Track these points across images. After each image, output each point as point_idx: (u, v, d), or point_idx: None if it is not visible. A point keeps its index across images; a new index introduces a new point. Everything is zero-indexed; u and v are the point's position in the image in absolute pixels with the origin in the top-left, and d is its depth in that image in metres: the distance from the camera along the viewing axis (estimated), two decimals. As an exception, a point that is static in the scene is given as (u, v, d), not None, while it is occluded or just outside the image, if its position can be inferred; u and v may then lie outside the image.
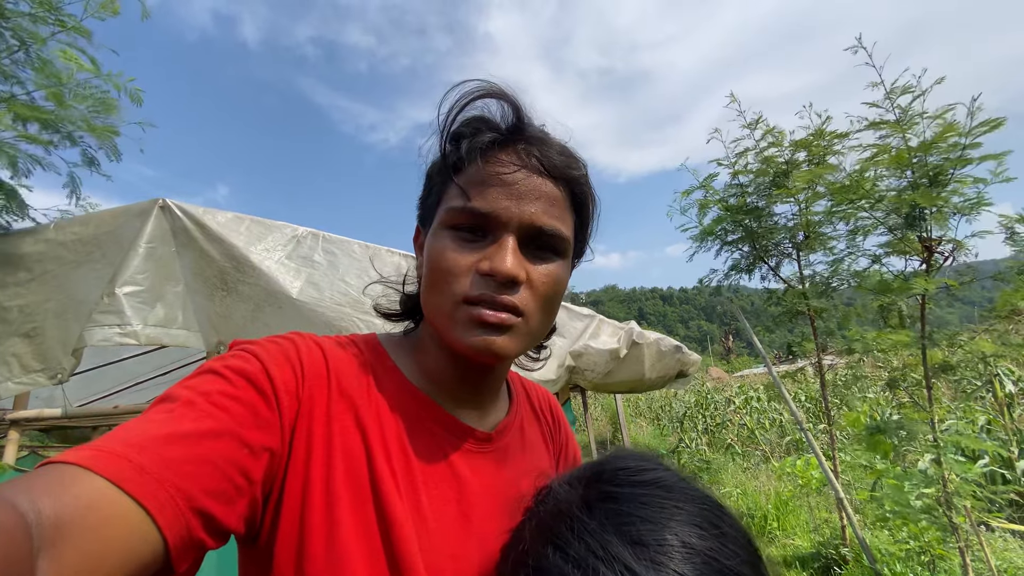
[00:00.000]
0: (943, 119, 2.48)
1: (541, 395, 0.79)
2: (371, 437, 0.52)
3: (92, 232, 1.83)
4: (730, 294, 4.29)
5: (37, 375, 1.73)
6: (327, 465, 0.49)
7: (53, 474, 0.34)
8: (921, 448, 2.78)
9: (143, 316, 1.83)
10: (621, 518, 0.39)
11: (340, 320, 2.04)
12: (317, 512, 0.47)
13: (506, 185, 0.52)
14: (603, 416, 12.66)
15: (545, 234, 0.53)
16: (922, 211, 2.53)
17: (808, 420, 7.83)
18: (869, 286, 2.86)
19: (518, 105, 0.54)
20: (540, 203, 0.53)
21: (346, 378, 0.55)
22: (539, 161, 0.53)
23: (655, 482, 0.43)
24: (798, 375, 5.04)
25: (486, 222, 0.52)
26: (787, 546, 4.26)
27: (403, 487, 0.52)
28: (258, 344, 0.52)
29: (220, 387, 0.45)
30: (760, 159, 3.63)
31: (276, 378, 0.49)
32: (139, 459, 0.36)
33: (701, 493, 0.43)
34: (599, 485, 0.44)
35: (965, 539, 2.58)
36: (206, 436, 0.41)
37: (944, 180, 2.48)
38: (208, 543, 0.40)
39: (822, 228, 3.46)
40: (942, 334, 2.67)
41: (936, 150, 2.47)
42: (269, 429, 0.46)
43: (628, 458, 0.47)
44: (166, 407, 0.42)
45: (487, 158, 0.52)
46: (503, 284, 0.51)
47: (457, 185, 0.53)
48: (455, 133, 0.54)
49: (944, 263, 2.63)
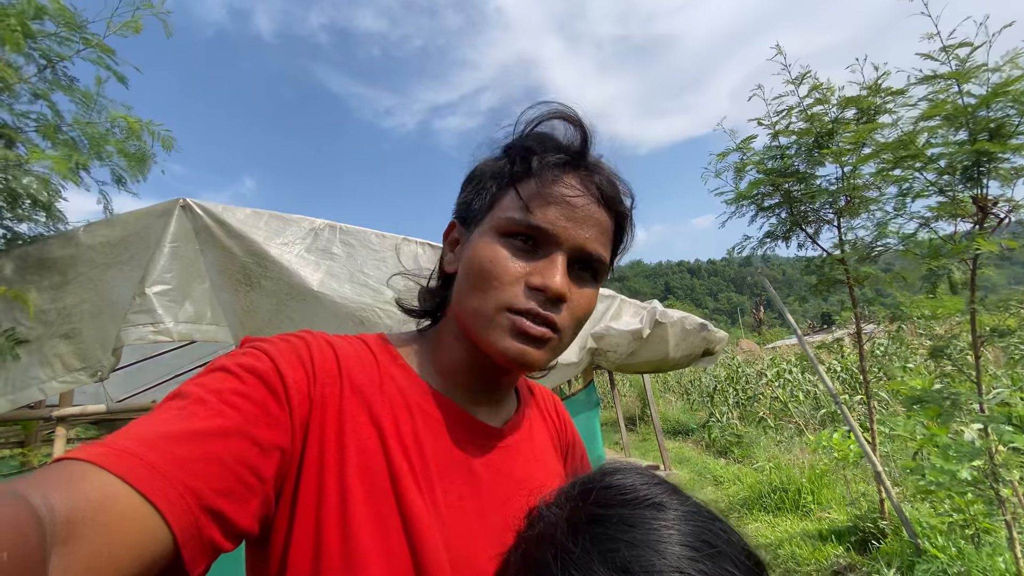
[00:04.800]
0: (1012, 66, 2.25)
1: (547, 395, 0.80)
2: (386, 433, 0.52)
3: (119, 234, 1.89)
4: (761, 263, 4.15)
5: (79, 373, 1.82)
6: (340, 461, 0.49)
7: (65, 470, 0.34)
8: (967, 419, 2.66)
9: (174, 314, 1.89)
10: (607, 543, 0.37)
11: (361, 311, 2.06)
12: (332, 508, 0.47)
13: (567, 207, 0.54)
14: (631, 392, 12.64)
15: (592, 259, 0.57)
16: (982, 168, 2.34)
17: (845, 392, 7.61)
18: (919, 250, 2.69)
19: (588, 132, 0.57)
20: (594, 230, 0.56)
21: (358, 375, 0.55)
22: (598, 190, 0.56)
23: (645, 501, 0.40)
24: (834, 346, 4.85)
25: (541, 237, 0.55)
26: (823, 520, 4.19)
27: (421, 481, 0.51)
28: (269, 342, 0.52)
29: (231, 385, 0.45)
30: (804, 117, 3.36)
31: (288, 376, 0.49)
32: (150, 456, 0.36)
33: (695, 510, 0.40)
34: (586, 506, 0.41)
35: (1012, 512, 2.48)
36: (217, 435, 0.41)
37: (1008, 133, 2.28)
38: (221, 544, 0.40)
39: (867, 192, 3.24)
40: (993, 298, 2.52)
41: (999, 101, 2.25)
42: (280, 427, 0.46)
43: (617, 475, 0.44)
44: (177, 404, 0.42)
45: (553, 177, 0.55)
46: (550, 300, 0.53)
47: (520, 196, 0.55)
48: (524, 146, 0.57)
49: (1000, 224, 2.46)
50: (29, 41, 2.10)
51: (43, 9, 2.11)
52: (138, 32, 2.44)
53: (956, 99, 2.34)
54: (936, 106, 2.38)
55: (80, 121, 2.24)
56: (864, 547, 3.49)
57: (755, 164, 3.58)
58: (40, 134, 2.06)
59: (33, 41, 2.14)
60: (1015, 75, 2.18)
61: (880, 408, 6.36)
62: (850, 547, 3.59)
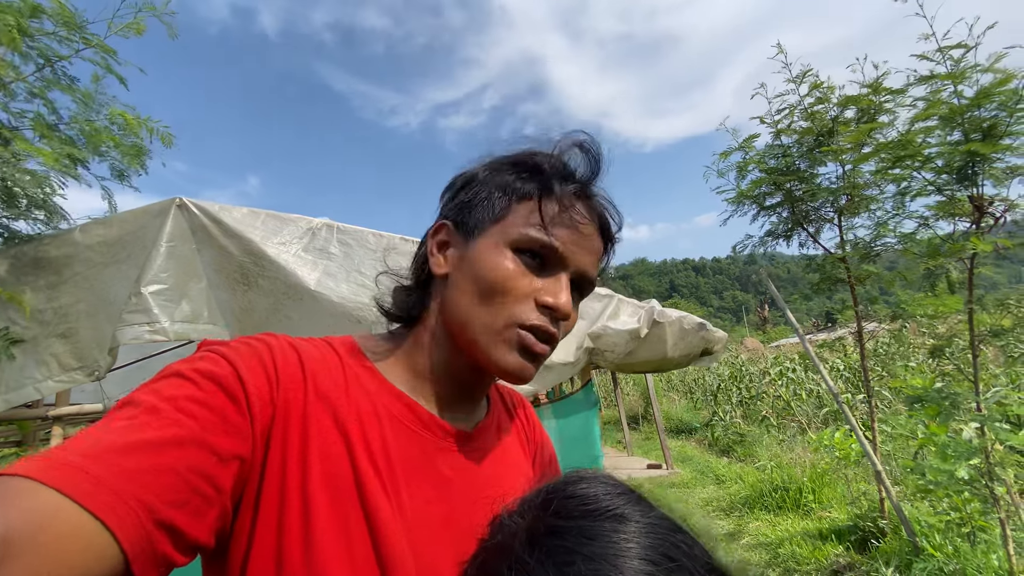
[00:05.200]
0: (997, 69, 2.27)
1: (515, 398, 0.79)
2: (352, 437, 0.51)
3: (116, 233, 1.90)
4: (764, 261, 4.13)
5: (75, 373, 1.83)
6: (303, 469, 0.47)
7: (1, 487, 0.32)
8: (965, 417, 2.65)
9: (170, 313, 1.90)
10: (563, 556, 0.36)
11: (359, 310, 2.06)
12: (293, 517, 0.45)
13: (576, 232, 0.57)
14: (635, 391, 12.62)
15: (586, 282, 0.60)
16: (975, 168, 2.34)
17: (847, 391, 7.57)
18: (917, 249, 2.69)
19: (601, 165, 0.61)
20: (593, 257, 0.60)
21: (323, 379, 0.53)
22: (601, 221, 0.61)
23: (606, 512, 0.39)
24: (837, 344, 4.82)
25: (553, 257, 0.57)
26: (823, 519, 4.18)
27: (388, 486, 0.50)
28: (228, 346, 0.50)
29: (187, 392, 0.43)
30: (805, 116, 3.36)
31: (248, 382, 0.46)
32: (95, 470, 0.34)
33: (658, 522, 0.39)
34: (546, 517, 0.40)
35: (1006, 510, 2.48)
36: (170, 444, 0.39)
37: (999, 133, 2.28)
38: (175, 559, 0.38)
39: (868, 190, 3.22)
40: (991, 297, 2.51)
41: (990, 101, 2.26)
42: (240, 436, 0.44)
43: (582, 484, 0.43)
44: (127, 413, 0.40)
45: (569, 202, 0.58)
46: (557, 319, 0.57)
47: (541, 215, 0.57)
48: (549, 168, 0.59)
49: (996, 223, 2.45)
50: (27, 40, 2.11)
51: (40, 8, 2.11)
52: (140, 34, 2.45)
53: (952, 99, 2.34)
54: (932, 106, 2.38)
55: (78, 118, 2.24)
56: (864, 546, 3.48)
57: (757, 163, 3.56)
58: (36, 132, 2.06)
59: (31, 40, 2.14)
60: (1000, 77, 2.19)
61: (883, 407, 6.32)
62: (850, 546, 3.58)
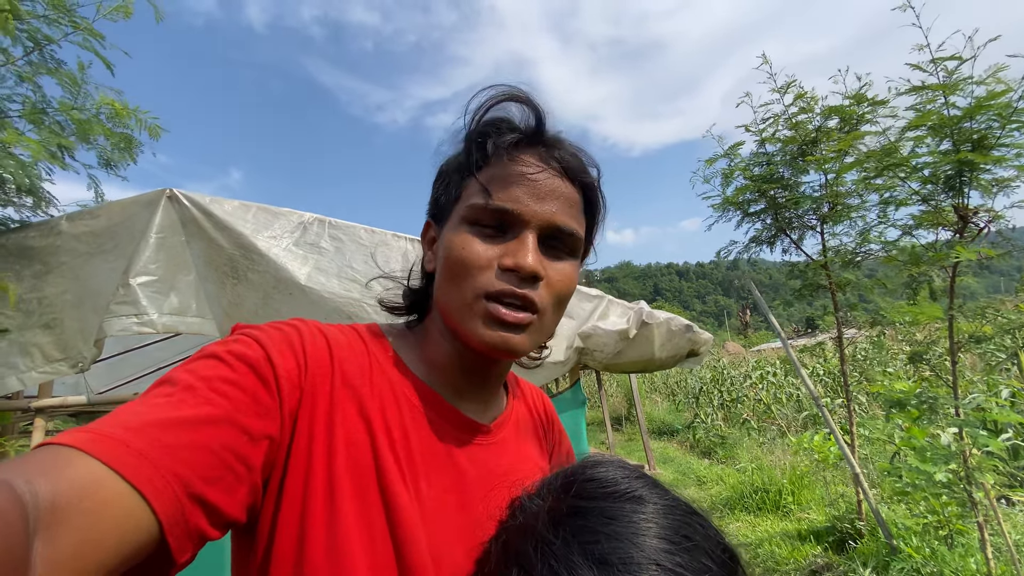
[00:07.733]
0: (995, 80, 2.31)
1: (536, 394, 0.80)
2: (375, 426, 0.52)
3: (104, 224, 1.86)
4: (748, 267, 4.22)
5: (59, 364, 1.79)
6: (329, 453, 0.49)
7: (49, 456, 0.34)
8: (944, 422, 2.73)
9: (158, 305, 1.87)
10: (586, 535, 0.38)
11: (348, 306, 2.05)
12: (318, 501, 0.47)
13: (528, 184, 0.54)
14: (618, 392, 12.72)
15: (563, 233, 0.56)
16: (962, 180, 2.40)
17: (826, 395, 7.74)
18: (901, 257, 2.75)
19: (540, 110, 0.57)
20: (559, 203, 0.55)
21: (349, 367, 0.54)
22: (559, 163, 0.56)
23: (625, 494, 0.41)
24: (817, 349, 4.94)
25: (507, 219, 0.54)
26: (802, 520, 4.27)
27: (407, 475, 0.52)
28: (261, 330, 0.52)
29: (221, 372, 0.45)
30: (789, 125, 3.43)
31: (278, 365, 0.48)
32: (136, 443, 0.36)
33: (674, 504, 0.42)
34: (567, 498, 0.42)
35: (984, 513, 2.55)
36: (205, 422, 0.41)
37: (989, 144, 2.34)
38: (208, 532, 0.40)
39: (850, 199, 3.30)
40: (971, 306, 2.58)
41: (983, 112, 2.30)
42: (269, 416, 0.46)
43: (600, 468, 0.45)
44: (165, 391, 0.42)
45: (511, 158, 0.55)
46: (524, 279, 0.53)
47: (480, 182, 0.55)
48: (478, 133, 0.56)
49: (980, 233, 2.52)
50: (17, 23, 2.06)
51: None
52: (128, 16, 2.40)
53: (943, 110, 2.40)
54: (923, 116, 2.44)
55: (66, 105, 2.20)
56: (841, 547, 3.57)
57: (742, 170, 3.64)
58: (25, 118, 2.01)
59: (21, 22, 2.09)
60: (998, 89, 2.24)
61: (860, 411, 6.48)
62: (828, 547, 3.66)
